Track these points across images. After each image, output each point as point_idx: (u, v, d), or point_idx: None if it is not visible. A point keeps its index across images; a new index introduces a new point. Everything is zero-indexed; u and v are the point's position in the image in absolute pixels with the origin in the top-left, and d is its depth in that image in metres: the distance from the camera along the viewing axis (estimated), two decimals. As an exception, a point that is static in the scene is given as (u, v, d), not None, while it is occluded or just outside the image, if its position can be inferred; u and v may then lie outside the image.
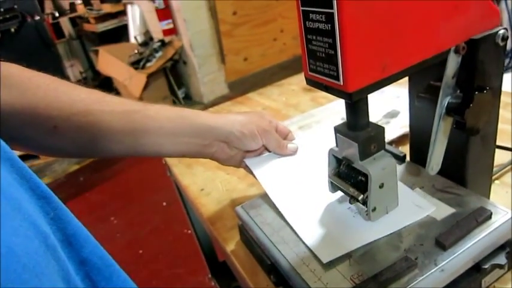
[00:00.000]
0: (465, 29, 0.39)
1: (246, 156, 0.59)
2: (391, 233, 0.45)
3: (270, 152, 0.60)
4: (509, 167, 0.61)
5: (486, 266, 0.42)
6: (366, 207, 0.44)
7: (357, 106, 0.40)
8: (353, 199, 0.45)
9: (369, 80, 0.35)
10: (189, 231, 1.96)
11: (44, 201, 0.31)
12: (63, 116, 0.47)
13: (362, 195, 0.44)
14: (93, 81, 4.11)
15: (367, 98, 0.40)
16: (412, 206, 0.47)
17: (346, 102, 0.41)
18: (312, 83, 0.39)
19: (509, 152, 0.62)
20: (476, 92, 0.40)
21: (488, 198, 0.52)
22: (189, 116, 0.54)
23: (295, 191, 0.54)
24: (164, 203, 2.33)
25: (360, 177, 0.45)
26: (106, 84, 3.76)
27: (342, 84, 0.35)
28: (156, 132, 0.52)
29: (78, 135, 0.49)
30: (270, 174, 0.57)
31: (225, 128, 0.55)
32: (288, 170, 0.58)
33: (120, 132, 0.51)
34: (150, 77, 3.18)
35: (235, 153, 0.58)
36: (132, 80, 3.24)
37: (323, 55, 0.36)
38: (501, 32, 0.40)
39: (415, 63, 0.37)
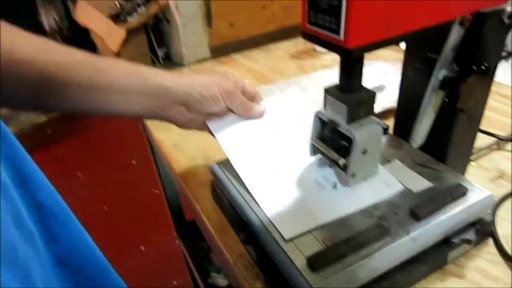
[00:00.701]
0: (474, 1, 0.38)
1: (209, 118, 0.55)
2: (355, 211, 0.44)
3: (235, 114, 0.56)
4: (486, 151, 0.62)
5: (455, 240, 0.43)
6: (346, 172, 0.43)
7: (352, 66, 0.39)
8: (333, 163, 0.45)
9: (370, 38, 0.34)
10: (157, 191, 1.94)
11: None
12: (2, 64, 0.42)
13: (343, 160, 0.43)
14: (68, 31, 3.91)
15: (363, 59, 0.39)
16: (380, 183, 0.46)
17: (341, 61, 0.39)
18: (309, 36, 0.38)
19: (487, 137, 0.63)
20: (474, 68, 0.40)
21: (464, 177, 0.52)
22: (144, 74, 0.50)
23: (260, 158, 0.51)
24: (134, 162, 2.30)
25: (343, 142, 0.44)
26: (83, 35, 3.60)
27: (342, 39, 0.33)
28: (106, 88, 0.48)
29: (20, 87, 0.45)
30: (233, 138, 0.53)
31: (183, 89, 0.50)
32: (253, 134, 0.54)
33: (66, 86, 0.46)
34: (130, 32, 3.05)
35: (196, 117, 0.54)
36: (110, 33, 3.11)
37: (325, 6, 0.34)
38: (509, 9, 0.39)
39: (419, 27, 0.36)
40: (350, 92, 0.40)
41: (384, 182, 0.46)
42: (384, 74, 0.77)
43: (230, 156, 0.51)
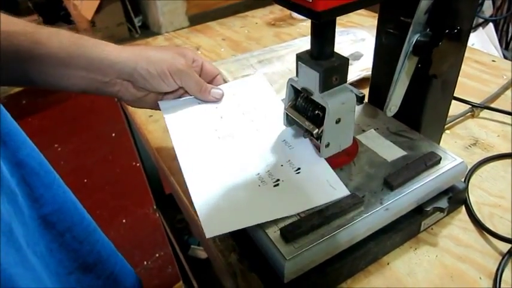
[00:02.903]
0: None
1: (162, 98, 0.51)
2: (292, 214, 0.39)
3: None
4: (460, 118, 0.62)
5: (428, 209, 0.43)
6: (320, 142, 0.43)
7: (323, 31, 0.37)
8: (307, 133, 0.44)
9: (340, 1, 0.32)
10: (138, 164, 1.92)
11: None
12: None
13: (317, 130, 0.42)
14: (40, -3, 3.74)
15: (334, 24, 0.37)
16: (325, 186, 0.42)
17: (312, 26, 0.38)
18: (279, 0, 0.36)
19: (461, 104, 0.63)
20: (447, 31, 0.39)
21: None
22: (86, 46, 0.46)
23: (207, 148, 0.47)
24: (113, 134, 2.26)
25: (317, 111, 0.43)
26: (56, 2, 3.44)
27: (311, 1, 0.31)
28: (46, 61, 0.44)
29: None
30: (182, 122, 0.49)
31: (128, 64, 0.46)
32: (206, 120, 0.50)
33: (5, 57, 0.43)
34: (105, -1, 2.95)
35: (145, 95, 0.50)
36: (83, 0, 2.99)
37: (294, -34, 0.32)
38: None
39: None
40: (322, 58, 0.39)
41: (330, 186, 0.42)
42: (360, 41, 0.75)
43: (174, 141, 0.47)
